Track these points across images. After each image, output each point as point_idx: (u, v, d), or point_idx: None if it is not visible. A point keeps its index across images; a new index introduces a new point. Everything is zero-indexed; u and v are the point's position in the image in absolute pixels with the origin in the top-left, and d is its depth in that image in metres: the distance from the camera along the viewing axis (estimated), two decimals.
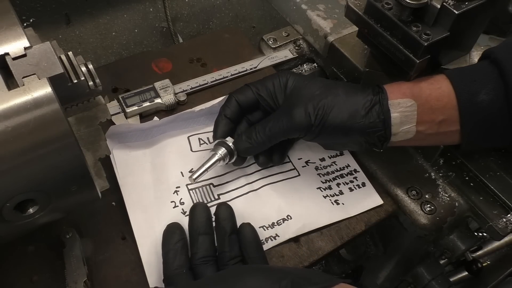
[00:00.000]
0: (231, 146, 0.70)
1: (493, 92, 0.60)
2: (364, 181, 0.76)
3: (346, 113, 0.63)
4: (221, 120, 0.71)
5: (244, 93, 0.71)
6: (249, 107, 0.72)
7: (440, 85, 0.63)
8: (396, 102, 0.63)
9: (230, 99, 0.72)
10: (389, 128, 0.63)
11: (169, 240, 0.63)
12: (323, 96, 0.65)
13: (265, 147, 0.70)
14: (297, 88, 0.68)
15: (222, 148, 0.70)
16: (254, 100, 0.71)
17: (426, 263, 0.94)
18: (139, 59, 0.92)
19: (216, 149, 0.70)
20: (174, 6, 1.19)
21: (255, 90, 0.71)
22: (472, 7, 0.60)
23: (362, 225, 0.72)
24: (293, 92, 0.68)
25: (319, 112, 0.64)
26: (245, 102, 0.71)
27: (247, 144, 0.69)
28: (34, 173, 0.48)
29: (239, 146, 0.69)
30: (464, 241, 0.86)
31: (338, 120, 0.64)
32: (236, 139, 0.70)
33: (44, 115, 0.46)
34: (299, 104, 0.65)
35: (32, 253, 0.67)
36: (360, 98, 0.64)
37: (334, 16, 0.85)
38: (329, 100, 0.64)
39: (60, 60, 0.50)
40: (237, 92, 0.72)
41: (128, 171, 0.74)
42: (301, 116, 0.64)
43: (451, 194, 0.74)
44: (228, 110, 0.71)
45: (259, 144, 0.68)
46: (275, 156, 0.74)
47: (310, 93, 0.66)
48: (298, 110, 0.65)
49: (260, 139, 0.68)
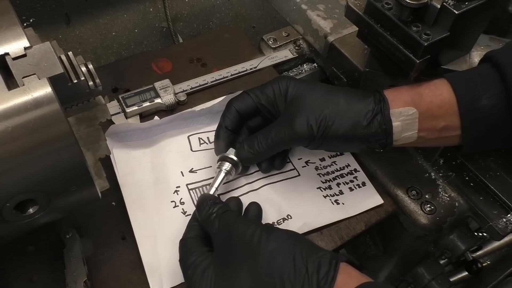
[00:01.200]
0: (235, 159, 0.70)
1: (495, 97, 0.60)
2: (364, 181, 0.76)
3: (348, 124, 0.63)
4: (222, 133, 0.71)
5: (244, 101, 0.71)
6: (249, 114, 0.71)
7: (441, 91, 0.62)
8: (398, 111, 0.62)
9: (229, 108, 0.71)
10: (390, 136, 0.63)
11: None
12: (325, 106, 0.64)
13: (266, 156, 0.70)
14: (298, 96, 0.67)
15: (226, 163, 0.70)
16: (254, 107, 0.70)
17: (426, 263, 0.94)
18: (139, 59, 0.93)
19: (221, 165, 0.70)
20: (174, 6, 1.19)
21: (255, 98, 0.70)
22: (472, 7, 0.60)
23: (362, 225, 0.72)
24: (294, 100, 0.67)
25: (321, 123, 0.64)
26: (245, 110, 0.71)
27: (249, 154, 0.69)
28: (34, 173, 0.48)
29: (241, 156, 0.69)
30: (464, 241, 0.86)
31: (341, 132, 0.64)
32: (238, 148, 0.70)
33: (44, 115, 0.46)
34: (301, 115, 0.65)
35: (32, 253, 0.67)
36: (362, 107, 0.64)
37: (334, 16, 0.85)
38: (330, 110, 0.64)
39: (60, 60, 0.50)
40: (236, 100, 0.71)
41: (128, 171, 0.74)
42: (303, 128, 0.64)
43: (451, 194, 0.74)
44: (228, 120, 0.71)
45: (261, 154, 0.68)
46: (277, 161, 0.75)
47: (311, 103, 0.65)
48: (300, 121, 0.64)
49: (262, 149, 0.68)
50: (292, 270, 0.53)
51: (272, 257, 0.54)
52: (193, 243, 0.61)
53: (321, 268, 0.52)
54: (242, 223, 0.59)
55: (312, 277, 0.52)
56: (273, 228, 0.59)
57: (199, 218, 0.63)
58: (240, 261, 0.56)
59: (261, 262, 0.54)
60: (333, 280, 0.52)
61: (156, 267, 0.66)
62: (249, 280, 0.54)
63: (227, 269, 0.56)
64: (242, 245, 0.57)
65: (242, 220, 0.60)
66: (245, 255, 0.56)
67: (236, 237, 0.57)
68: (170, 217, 0.70)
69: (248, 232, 0.57)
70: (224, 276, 0.56)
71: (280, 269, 0.53)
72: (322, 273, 0.52)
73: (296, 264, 0.53)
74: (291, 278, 0.53)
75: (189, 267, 0.58)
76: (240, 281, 0.55)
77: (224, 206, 0.62)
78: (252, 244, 0.56)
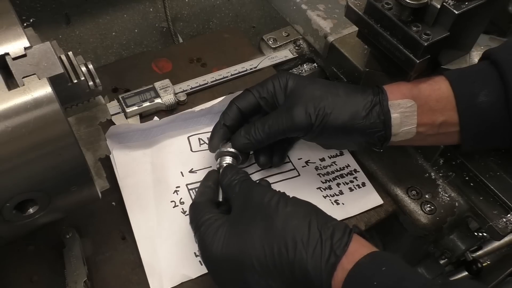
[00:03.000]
0: (233, 151, 0.69)
1: (493, 94, 0.60)
2: (364, 181, 0.76)
3: (347, 114, 0.64)
4: (219, 129, 0.71)
5: (246, 98, 0.71)
6: (250, 112, 0.71)
7: (439, 86, 0.63)
8: (396, 102, 0.63)
9: (231, 106, 0.71)
10: (389, 129, 0.63)
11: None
12: (324, 97, 0.65)
13: (262, 144, 0.70)
14: (297, 88, 0.68)
15: (226, 157, 0.70)
16: (256, 104, 0.71)
17: (426, 263, 0.94)
18: (139, 59, 0.93)
19: (221, 161, 0.70)
20: (174, 6, 1.19)
21: (255, 93, 0.70)
22: (472, 7, 0.60)
23: (362, 225, 0.72)
24: (293, 92, 0.68)
25: (319, 112, 0.64)
26: (247, 107, 0.71)
27: (245, 140, 0.69)
28: (34, 173, 0.49)
29: (238, 142, 0.69)
30: (464, 241, 0.86)
31: (339, 121, 0.64)
32: (235, 135, 0.70)
33: (44, 115, 0.46)
34: (300, 104, 0.65)
35: (32, 253, 0.67)
36: (361, 99, 0.64)
37: (334, 16, 0.85)
38: (329, 101, 0.64)
39: (60, 60, 0.50)
40: (238, 98, 0.72)
41: (128, 171, 0.74)
42: (301, 116, 0.64)
43: (451, 194, 0.74)
44: (227, 117, 0.71)
45: (257, 141, 0.68)
46: (275, 157, 0.75)
47: (310, 93, 0.66)
48: (299, 109, 0.65)
49: (259, 136, 0.68)
50: (306, 233, 0.54)
51: (288, 220, 0.56)
52: (206, 205, 0.63)
53: (335, 234, 0.54)
54: (261, 188, 0.61)
55: (326, 241, 0.53)
56: (290, 196, 0.60)
57: (223, 183, 0.64)
58: (256, 221, 0.57)
59: (276, 223, 0.56)
60: (347, 245, 0.53)
61: (156, 267, 0.66)
62: (262, 237, 0.55)
63: (242, 227, 0.58)
64: (260, 207, 0.58)
65: (261, 186, 0.62)
66: (261, 216, 0.57)
67: (255, 200, 0.59)
68: (170, 217, 0.70)
69: (267, 196, 0.58)
70: (238, 234, 0.57)
71: (295, 231, 0.55)
72: (336, 238, 0.53)
73: (311, 228, 0.55)
74: (304, 240, 0.54)
75: (202, 224, 0.60)
76: (253, 238, 0.56)
77: (246, 175, 0.64)
78: (270, 207, 0.57)
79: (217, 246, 0.57)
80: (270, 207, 0.57)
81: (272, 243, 0.55)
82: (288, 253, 0.54)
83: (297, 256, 0.53)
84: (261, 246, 0.55)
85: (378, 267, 0.51)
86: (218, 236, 0.58)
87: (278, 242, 0.54)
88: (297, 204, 0.58)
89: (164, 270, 0.65)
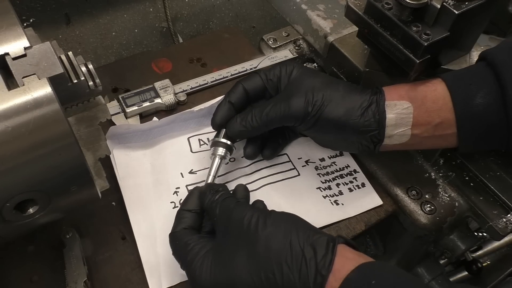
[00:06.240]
0: (227, 143, 0.70)
1: (489, 96, 0.60)
2: (363, 182, 0.76)
3: (343, 109, 0.64)
4: (224, 104, 0.71)
5: (252, 79, 0.71)
6: (256, 94, 0.71)
7: (435, 87, 0.63)
8: (393, 103, 0.63)
9: (236, 85, 0.72)
10: (383, 129, 0.63)
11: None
12: (323, 89, 0.65)
13: (259, 132, 0.70)
14: (300, 77, 0.69)
15: (219, 148, 0.70)
16: (261, 86, 0.71)
17: (426, 263, 0.94)
18: (139, 59, 0.93)
19: (214, 151, 0.70)
20: (174, 6, 1.19)
21: (262, 75, 0.71)
22: (472, 7, 0.60)
23: (362, 225, 0.72)
24: (295, 80, 0.69)
25: (316, 103, 0.64)
26: (253, 88, 0.71)
27: (241, 127, 0.68)
28: (34, 173, 0.49)
29: (233, 129, 0.69)
30: (464, 241, 0.86)
31: (334, 115, 0.64)
32: (230, 122, 0.70)
33: (44, 115, 0.46)
34: (299, 93, 0.66)
35: (32, 253, 0.67)
36: (358, 97, 0.65)
37: (334, 16, 0.85)
38: (328, 93, 0.65)
39: (60, 60, 0.50)
40: (245, 79, 0.72)
41: (128, 172, 0.74)
42: (299, 104, 0.65)
43: (451, 194, 0.74)
44: (232, 95, 0.71)
45: (253, 128, 0.68)
46: (266, 150, 0.75)
47: (311, 84, 0.66)
48: (297, 98, 0.65)
49: (255, 123, 0.68)
50: (289, 254, 0.54)
51: (269, 243, 0.55)
52: (186, 234, 0.61)
53: (317, 252, 0.53)
54: (240, 208, 0.59)
55: (310, 261, 0.53)
56: (270, 212, 0.59)
57: (204, 207, 0.63)
58: (238, 247, 0.57)
59: (258, 248, 0.55)
60: (331, 263, 0.52)
61: (155, 267, 0.66)
62: (247, 265, 0.55)
63: (226, 255, 0.57)
64: (240, 231, 0.57)
65: (239, 206, 0.60)
66: (243, 241, 0.57)
67: (234, 223, 0.58)
68: (169, 218, 0.69)
69: (246, 217, 0.58)
70: (224, 262, 0.57)
71: (278, 253, 0.54)
72: (320, 257, 0.53)
73: (293, 249, 0.54)
74: (288, 262, 0.53)
75: (186, 255, 0.59)
76: (239, 267, 0.55)
77: (224, 194, 0.63)
78: (249, 230, 0.57)
79: (205, 277, 0.57)
80: (249, 230, 0.57)
81: (258, 271, 0.54)
82: (275, 278, 0.53)
83: (285, 279, 0.53)
84: (249, 275, 0.55)
85: (367, 280, 0.51)
86: (204, 267, 0.57)
87: (264, 268, 0.54)
88: (275, 222, 0.57)
89: (164, 270, 0.65)
